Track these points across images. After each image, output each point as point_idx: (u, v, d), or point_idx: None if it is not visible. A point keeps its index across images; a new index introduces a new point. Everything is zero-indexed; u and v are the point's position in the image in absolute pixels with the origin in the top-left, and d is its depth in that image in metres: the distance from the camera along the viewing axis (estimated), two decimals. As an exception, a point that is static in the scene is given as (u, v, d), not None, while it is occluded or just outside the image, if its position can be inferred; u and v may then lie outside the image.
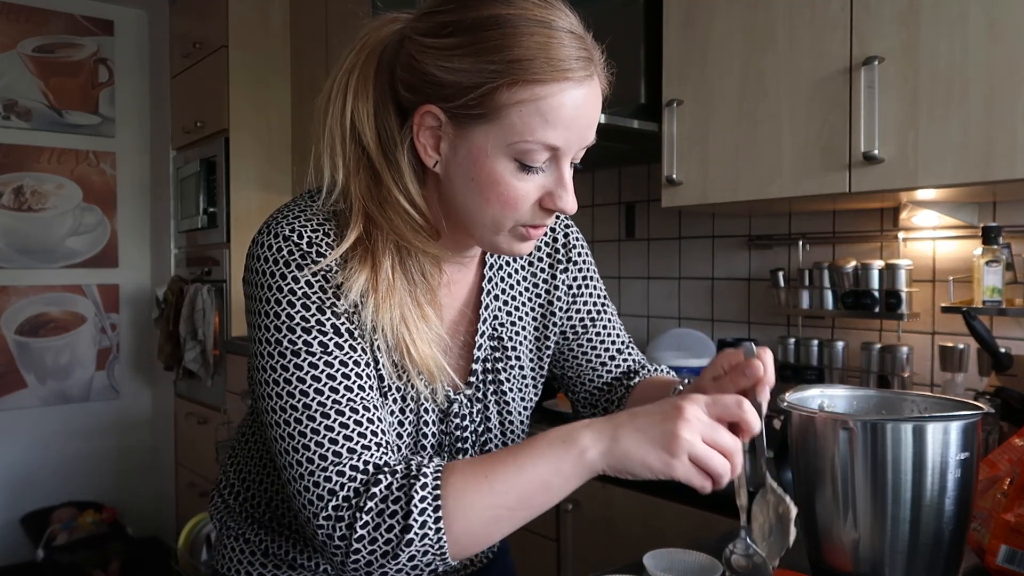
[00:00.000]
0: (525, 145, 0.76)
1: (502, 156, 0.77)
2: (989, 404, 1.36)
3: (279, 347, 0.79)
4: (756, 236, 2.20)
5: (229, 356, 3.27)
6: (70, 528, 3.50)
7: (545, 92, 0.74)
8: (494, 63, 0.73)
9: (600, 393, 1.10)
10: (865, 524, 0.81)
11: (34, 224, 3.74)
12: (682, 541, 0.98)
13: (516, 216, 0.80)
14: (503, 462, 0.73)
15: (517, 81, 0.73)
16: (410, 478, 0.73)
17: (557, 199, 0.79)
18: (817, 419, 0.85)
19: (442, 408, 0.91)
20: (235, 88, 3.30)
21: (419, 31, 0.78)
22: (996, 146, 1.39)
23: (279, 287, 0.80)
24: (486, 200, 0.79)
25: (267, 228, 0.83)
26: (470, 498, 0.72)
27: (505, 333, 0.97)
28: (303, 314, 0.79)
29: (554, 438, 0.74)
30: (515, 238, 0.82)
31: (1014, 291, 1.67)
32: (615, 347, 1.09)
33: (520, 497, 0.73)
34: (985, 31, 1.40)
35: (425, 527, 0.71)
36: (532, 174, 0.78)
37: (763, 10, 1.73)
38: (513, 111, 0.74)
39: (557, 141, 0.76)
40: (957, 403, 0.87)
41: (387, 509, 0.72)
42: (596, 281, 1.08)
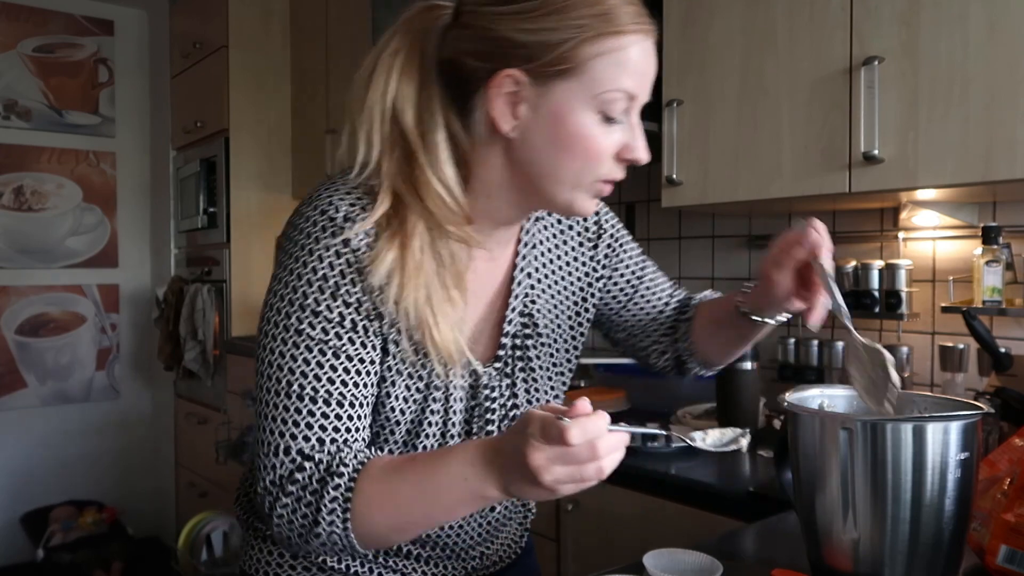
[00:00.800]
0: (608, 95, 0.80)
1: (587, 109, 0.80)
2: (989, 404, 1.36)
3: (286, 320, 0.82)
4: (756, 236, 2.20)
5: (229, 356, 3.27)
6: (70, 527, 3.51)
7: (626, 42, 0.80)
8: (578, 19, 0.78)
9: (663, 340, 1.12)
10: (865, 524, 0.81)
11: (34, 224, 3.74)
12: (682, 541, 0.98)
13: (597, 169, 0.83)
14: (411, 485, 0.76)
15: (600, 33, 0.78)
16: (327, 474, 0.78)
17: (634, 149, 0.83)
18: (817, 419, 0.85)
19: (470, 383, 0.93)
20: (235, 88, 3.30)
21: (487, 2, 0.82)
22: (996, 146, 1.39)
23: (304, 261, 0.83)
24: (571, 155, 0.82)
25: (308, 199, 0.86)
26: (376, 511, 0.77)
27: (536, 310, 0.99)
28: (316, 296, 0.82)
29: (456, 475, 0.75)
30: (589, 194, 0.85)
31: (1014, 291, 1.67)
32: (665, 296, 1.12)
33: (422, 516, 0.78)
34: (985, 31, 1.40)
35: (333, 525, 0.77)
36: (612, 125, 0.82)
37: (763, 10, 1.73)
38: (596, 63, 0.79)
39: (635, 89, 0.81)
40: (957, 403, 0.87)
41: (302, 498, 0.78)
42: (630, 244, 1.10)
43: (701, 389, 2.01)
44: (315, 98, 3.28)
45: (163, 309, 3.63)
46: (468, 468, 0.74)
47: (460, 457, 0.75)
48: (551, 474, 0.68)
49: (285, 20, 3.43)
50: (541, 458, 0.68)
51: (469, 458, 0.74)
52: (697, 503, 1.49)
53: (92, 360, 3.89)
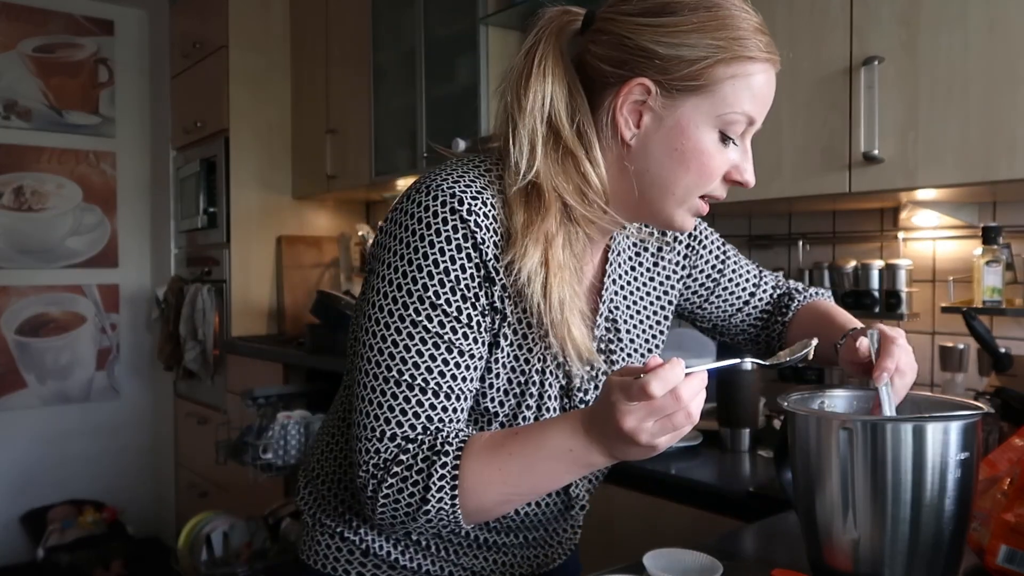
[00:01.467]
0: (732, 116, 0.83)
1: (709, 127, 0.84)
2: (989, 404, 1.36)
3: (402, 309, 0.82)
4: (756, 236, 2.20)
5: (229, 356, 3.27)
6: (70, 527, 3.50)
7: (755, 69, 0.83)
8: (717, 40, 0.81)
9: (756, 331, 1.16)
10: (865, 524, 0.81)
11: (34, 224, 3.74)
12: (682, 541, 0.98)
13: (706, 186, 0.86)
14: (518, 460, 0.79)
15: (736, 57, 0.82)
16: (432, 453, 0.80)
17: (744, 171, 0.87)
18: (817, 419, 0.85)
19: (562, 384, 0.94)
20: (235, 88, 3.30)
21: (627, 12, 0.84)
22: (996, 146, 1.39)
23: (425, 252, 0.82)
24: (686, 169, 0.85)
25: (426, 188, 0.84)
26: (484, 485, 0.80)
27: (620, 316, 1.00)
28: (436, 289, 0.82)
29: (561, 447, 0.78)
30: (691, 211, 0.89)
31: (1014, 291, 1.67)
32: (749, 287, 1.14)
33: (530, 488, 0.82)
34: (985, 31, 1.40)
35: (442, 501, 0.79)
36: (729, 146, 0.85)
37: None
38: (727, 84, 0.82)
39: (755, 114, 0.85)
40: (957, 403, 0.87)
41: (408, 478, 0.80)
42: (710, 239, 1.11)
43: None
44: (315, 98, 3.28)
45: (163, 309, 3.63)
46: (571, 441, 0.77)
47: (562, 430, 0.78)
48: (646, 432, 0.72)
49: (285, 20, 3.43)
50: (632, 420, 0.72)
51: (570, 431, 0.78)
52: (697, 503, 1.49)
53: (92, 360, 3.89)
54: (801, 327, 1.10)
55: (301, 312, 3.33)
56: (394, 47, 2.81)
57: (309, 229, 3.54)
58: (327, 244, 3.56)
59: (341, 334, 2.76)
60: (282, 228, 3.46)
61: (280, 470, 2.49)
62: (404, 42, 2.74)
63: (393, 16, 2.81)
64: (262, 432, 2.47)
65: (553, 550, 1.06)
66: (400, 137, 2.79)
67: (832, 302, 1.16)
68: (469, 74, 2.46)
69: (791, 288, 1.16)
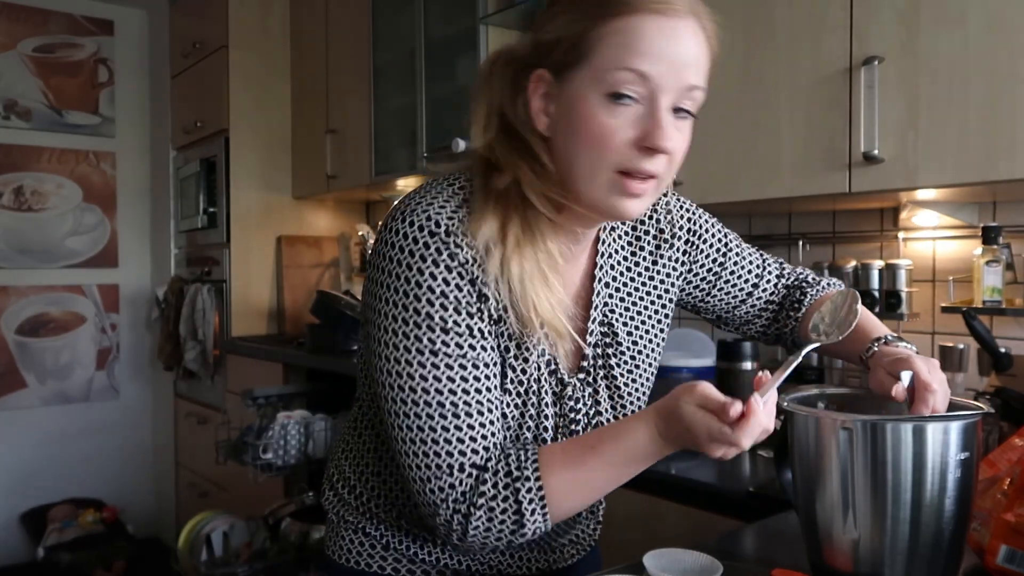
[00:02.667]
0: (613, 75, 0.79)
1: (594, 92, 0.80)
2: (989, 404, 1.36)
3: (417, 343, 0.83)
4: (756, 236, 2.20)
5: (229, 356, 3.27)
6: (70, 526, 3.50)
7: (633, 22, 0.79)
8: (584, 11, 0.81)
9: (765, 323, 1.14)
10: (865, 524, 0.81)
11: (34, 224, 3.74)
12: (682, 541, 0.98)
13: (609, 157, 0.81)
14: (599, 471, 0.84)
15: (606, 16, 0.79)
16: (514, 480, 0.83)
17: (650, 135, 0.80)
18: (817, 419, 0.85)
19: (555, 391, 0.94)
20: (235, 88, 3.30)
21: (538, 10, 0.91)
22: (996, 146, 1.39)
23: (417, 282, 0.83)
24: (583, 143, 0.81)
25: (400, 215, 0.85)
26: (571, 498, 0.85)
27: (616, 319, 0.99)
28: (441, 314, 0.83)
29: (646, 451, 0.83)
30: (616, 192, 0.82)
31: (1014, 291, 1.67)
32: (752, 278, 1.11)
33: (612, 488, 0.87)
34: (985, 31, 1.40)
35: (536, 523, 0.83)
36: (622, 107, 0.80)
37: (763, 10, 1.73)
38: (603, 46, 0.80)
39: (645, 67, 0.79)
40: (957, 403, 0.86)
41: (498, 507, 0.83)
42: (710, 231, 1.08)
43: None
44: (315, 98, 3.28)
45: (163, 309, 3.63)
46: (650, 447, 0.83)
47: (640, 438, 0.83)
48: (730, 454, 0.80)
49: (285, 20, 3.43)
50: (719, 452, 0.80)
51: (650, 439, 0.83)
52: (697, 503, 1.48)
53: (92, 360, 3.89)
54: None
55: (301, 312, 3.32)
56: (394, 47, 2.81)
57: (309, 229, 3.54)
58: (327, 244, 3.56)
59: (341, 334, 2.76)
60: (282, 228, 3.46)
61: (280, 470, 2.49)
62: (404, 42, 2.73)
63: (393, 16, 2.81)
64: (262, 432, 2.47)
65: (574, 546, 1.07)
66: (400, 137, 2.79)
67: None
68: (469, 74, 2.46)
69: (801, 279, 1.13)
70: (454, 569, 1.00)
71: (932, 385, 0.84)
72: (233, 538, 2.71)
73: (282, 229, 3.46)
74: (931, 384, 0.84)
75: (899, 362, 0.87)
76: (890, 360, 0.89)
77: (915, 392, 0.85)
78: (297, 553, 2.52)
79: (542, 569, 1.04)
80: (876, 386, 0.90)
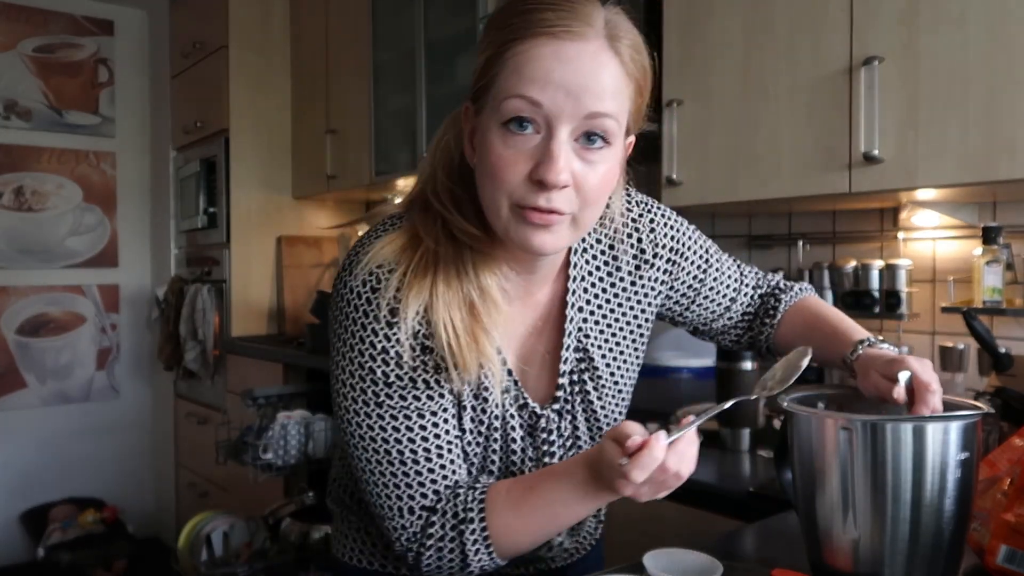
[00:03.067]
0: (505, 104, 0.76)
1: (493, 122, 0.78)
2: (989, 404, 1.36)
3: (363, 395, 0.85)
4: (756, 236, 2.20)
5: (229, 356, 3.27)
6: (70, 526, 3.50)
7: (521, 49, 0.76)
8: (489, 44, 0.80)
9: (740, 333, 1.14)
10: (865, 524, 0.81)
11: (34, 224, 3.73)
12: (682, 541, 0.98)
13: (506, 190, 0.77)
14: (540, 510, 0.85)
15: (501, 45, 0.78)
16: (460, 522, 0.85)
17: (540, 168, 0.75)
18: (817, 419, 0.85)
19: (529, 423, 0.94)
20: (235, 88, 3.30)
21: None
22: (996, 146, 1.39)
23: (360, 337, 0.85)
24: (486, 175, 0.79)
25: (349, 267, 0.87)
26: (515, 537, 0.86)
27: (590, 344, 0.97)
28: (383, 368, 0.85)
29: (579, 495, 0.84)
30: (520, 224, 0.78)
31: (1014, 291, 1.67)
32: (730, 291, 1.09)
33: (558, 528, 0.89)
34: (985, 31, 1.40)
35: (481, 560, 0.86)
36: (517, 136, 0.76)
37: (763, 10, 1.73)
38: (499, 76, 0.78)
39: (535, 94, 0.75)
40: (957, 403, 0.86)
41: (445, 547, 0.86)
42: (690, 247, 1.03)
43: (701, 389, 2.01)
44: (315, 98, 3.27)
45: (163, 309, 3.63)
46: (584, 489, 0.83)
47: (573, 482, 0.83)
48: (643, 495, 0.79)
49: (285, 20, 3.43)
50: (628, 489, 0.78)
51: (580, 482, 0.83)
52: (697, 503, 1.48)
53: (92, 360, 3.89)
54: (794, 331, 1.07)
55: (301, 312, 3.32)
56: (394, 47, 2.81)
57: (309, 229, 3.54)
58: (327, 244, 3.56)
59: (341, 334, 2.75)
60: (282, 228, 3.46)
61: (280, 470, 2.49)
62: (404, 42, 2.73)
63: (393, 16, 2.81)
64: (262, 432, 2.47)
65: (575, 546, 1.08)
66: (400, 137, 2.79)
67: (817, 297, 1.12)
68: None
69: (774, 287, 1.12)
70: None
71: (932, 385, 0.84)
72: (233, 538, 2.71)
73: (282, 229, 3.46)
74: (931, 384, 0.84)
75: (894, 364, 0.86)
76: (883, 362, 0.88)
77: (915, 393, 0.84)
78: (297, 553, 2.52)
79: (541, 569, 1.04)
80: (870, 389, 0.89)
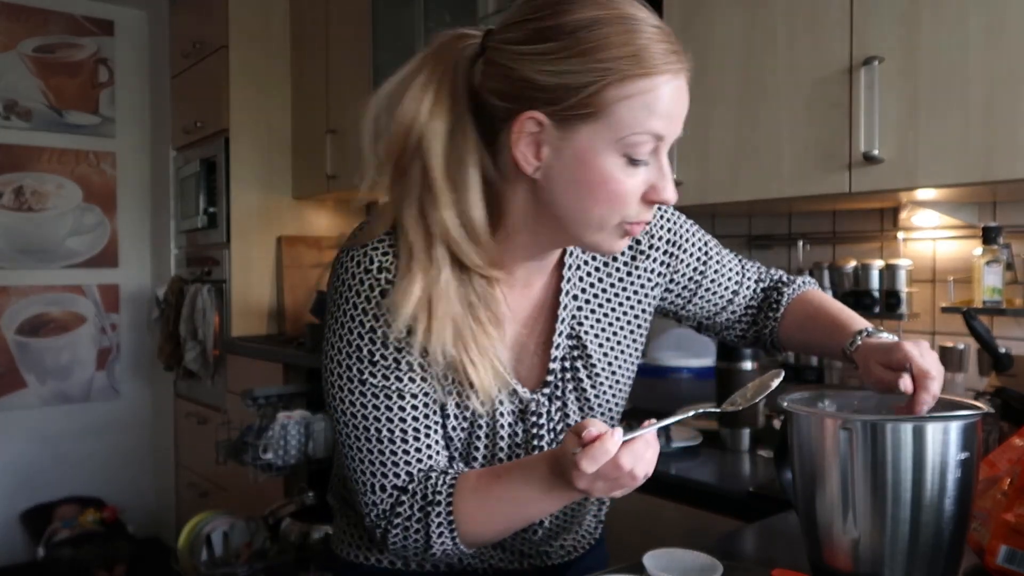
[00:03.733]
0: (634, 138, 0.78)
1: (611, 152, 0.78)
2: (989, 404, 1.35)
3: (348, 372, 0.87)
4: (756, 236, 2.20)
5: (229, 356, 3.27)
6: (70, 526, 3.50)
7: (652, 84, 0.77)
8: (601, 62, 0.76)
9: (744, 327, 1.13)
10: (865, 524, 0.81)
11: (34, 224, 3.73)
12: (682, 541, 0.98)
13: (623, 212, 0.81)
14: (506, 503, 0.85)
15: (626, 76, 0.76)
16: (427, 504, 0.86)
17: (661, 190, 0.81)
18: (817, 419, 0.85)
19: (519, 408, 0.95)
20: (235, 88, 3.30)
21: (510, 40, 0.80)
22: (996, 146, 1.39)
23: (351, 315, 0.86)
24: (594, 199, 0.80)
25: (348, 248, 0.89)
26: (480, 524, 0.86)
27: (584, 331, 0.98)
28: (369, 347, 0.86)
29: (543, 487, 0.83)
30: (617, 235, 0.84)
31: (1014, 291, 1.67)
32: (732, 284, 1.10)
33: (524, 520, 0.89)
34: (985, 31, 1.40)
35: (444, 544, 0.87)
36: (638, 168, 0.80)
37: (763, 10, 1.73)
38: (622, 106, 0.77)
39: (662, 130, 0.79)
40: (957, 403, 0.87)
41: (410, 527, 0.87)
42: (689, 239, 1.05)
43: (701, 389, 2.01)
44: (315, 98, 3.27)
45: (163, 309, 3.63)
46: (546, 483, 0.82)
47: (536, 475, 0.83)
48: (598, 490, 0.78)
49: (285, 20, 3.43)
50: (583, 482, 0.77)
51: (542, 476, 0.82)
52: (697, 503, 1.48)
53: (92, 360, 3.89)
54: (796, 324, 1.08)
55: (301, 312, 3.32)
56: (394, 47, 2.81)
57: (309, 229, 3.54)
58: (327, 244, 3.56)
59: (341, 334, 2.75)
60: (282, 228, 3.46)
61: (280, 470, 2.49)
62: (404, 42, 2.73)
63: (393, 16, 2.81)
64: (262, 432, 2.47)
65: (573, 544, 1.08)
66: (400, 137, 2.79)
67: (819, 290, 1.13)
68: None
69: (777, 281, 1.13)
70: (452, 564, 1.01)
71: (931, 372, 0.84)
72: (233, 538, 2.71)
73: (282, 229, 3.46)
74: (930, 371, 0.84)
75: (892, 352, 0.87)
76: (883, 352, 0.88)
77: (915, 381, 0.84)
78: (297, 553, 2.52)
79: (537, 566, 1.05)
80: (875, 382, 0.89)
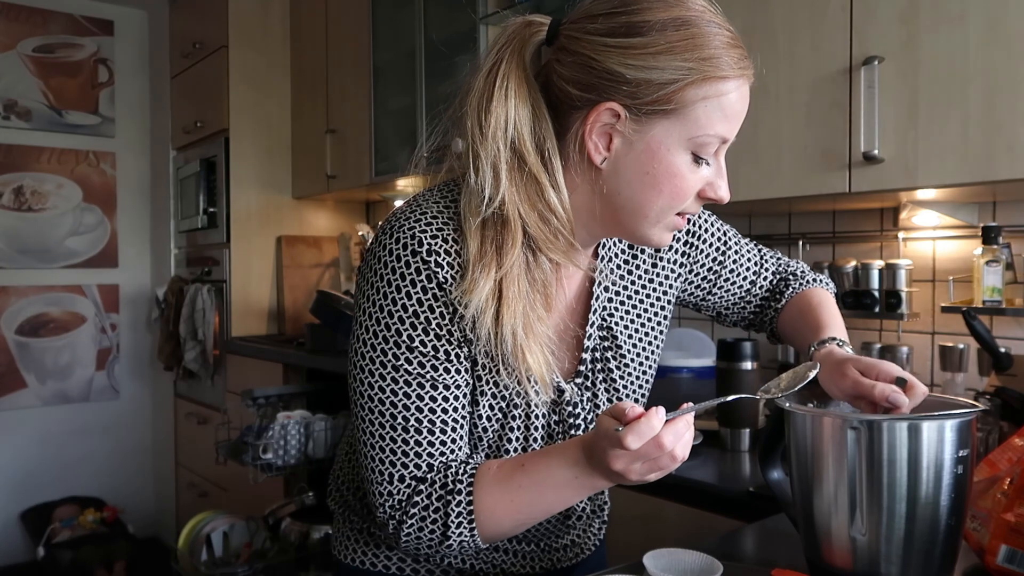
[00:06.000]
0: (705, 138, 0.81)
1: (681, 149, 0.82)
2: (989, 404, 1.36)
3: (382, 356, 0.85)
4: (756, 236, 2.20)
5: (229, 356, 3.27)
6: (71, 526, 3.50)
7: (727, 88, 0.81)
8: (688, 61, 0.78)
9: (754, 316, 1.17)
10: (862, 522, 0.81)
11: (34, 224, 3.74)
12: (682, 541, 0.98)
13: (679, 205, 0.84)
14: (528, 491, 0.84)
15: (707, 78, 0.79)
16: (447, 493, 0.84)
17: (718, 188, 0.85)
18: (816, 418, 0.85)
19: (553, 398, 0.95)
20: (235, 88, 3.30)
21: (594, 31, 0.81)
22: (996, 146, 1.39)
23: (393, 299, 0.84)
24: (658, 192, 0.83)
25: (390, 229, 0.86)
26: (499, 515, 0.84)
27: (614, 323, 0.99)
28: (410, 332, 0.84)
29: (568, 476, 0.82)
30: (667, 228, 0.87)
31: (1014, 291, 1.67)
32: (751, 275, 1.14)
33: (542, 512, 0.86)
34: (985, 31, 1.40)
35: (462, 536, 0.85)
36: (701, 166, 0.83)
37: (763, 10, 1.73)
38: (699, 106, 0.80)
39: (729, 134, 0.83)
40: (953, 402, 0.87)
41: (428, 517, 0.85)
42: (709, 231, 1.08)
43: (701, 389, 2.01)
44: (315, 98, 3.28)
45: (163, 309, 3.63)
46: (574, 469, 0.81)
47: (565, 460, 0.82)
48: (635, 473, 0.77)
49: (285, 20, 3.43)
50: (620, 464, 0.76)
51: (572, 460, 0.82)
52: (697, 503, 1.49)
53: (92, 360, 3.89)
54: (789, 317, 1.11)
55: (301, 312, 3.32)
56: (394, 47, 2.81)
57: (309, 229, 3.54)
58: (327, 244, 3.56)
59: (341, 334, 2.76)
60: (282, 228, 3.46)
61: (280, 470, 2.49)
62: (404, 42, 2.73)
63: (393, 16, 2.81)
64: (262, 432, 2.47)
65: (577, 546, 1.08)
66: (400, 137, 2.79)
67: (826, 292, 1.14)
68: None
69: (789, 273, 1.16)
70: (458, 568, 1.00)
71: (919, 386, 0.86)
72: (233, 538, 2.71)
73: (282, 229, 3.46)
74: (917, 385, 0.86)
75: (877, 365, 0.89)
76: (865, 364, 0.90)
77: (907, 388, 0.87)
78: (297, 553, 2.52)
79: (546, 568, 1.05)
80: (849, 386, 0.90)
